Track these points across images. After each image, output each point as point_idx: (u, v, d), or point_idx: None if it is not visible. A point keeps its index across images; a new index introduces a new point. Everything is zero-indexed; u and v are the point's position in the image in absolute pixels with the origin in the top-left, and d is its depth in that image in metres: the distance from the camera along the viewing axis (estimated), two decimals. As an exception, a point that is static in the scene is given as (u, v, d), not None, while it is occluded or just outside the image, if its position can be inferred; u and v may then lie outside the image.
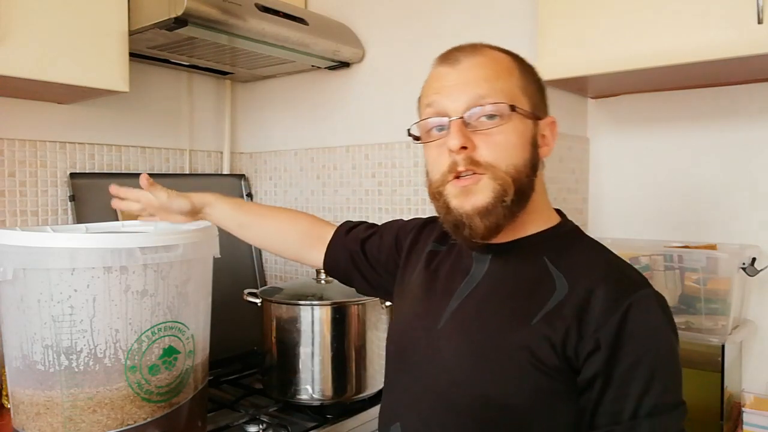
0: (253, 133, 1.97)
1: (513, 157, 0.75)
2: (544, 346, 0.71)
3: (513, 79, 0.77)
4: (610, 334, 0.69)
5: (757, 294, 1.28)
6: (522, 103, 0.77)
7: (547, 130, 0.81)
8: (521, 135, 0.76)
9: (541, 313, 0.73)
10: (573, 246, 0.80)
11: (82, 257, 0.90)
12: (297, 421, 1.26)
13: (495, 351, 0.75)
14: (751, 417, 1.16)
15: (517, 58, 0.81)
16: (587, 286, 0.72)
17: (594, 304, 0.70)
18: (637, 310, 0.69)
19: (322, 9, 1.68)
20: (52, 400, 0.92)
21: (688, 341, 1.17)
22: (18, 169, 1.44)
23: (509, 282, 0.79)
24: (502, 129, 0.75)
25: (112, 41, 1.26)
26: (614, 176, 1.49)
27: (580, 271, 0.75)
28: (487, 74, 0.76)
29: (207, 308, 1.12)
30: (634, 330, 0.69)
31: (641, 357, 0.68)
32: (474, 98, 0.75)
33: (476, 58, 0.77)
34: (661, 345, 0.70)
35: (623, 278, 0.74)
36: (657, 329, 0.70)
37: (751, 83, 1.28)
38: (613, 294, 0.71)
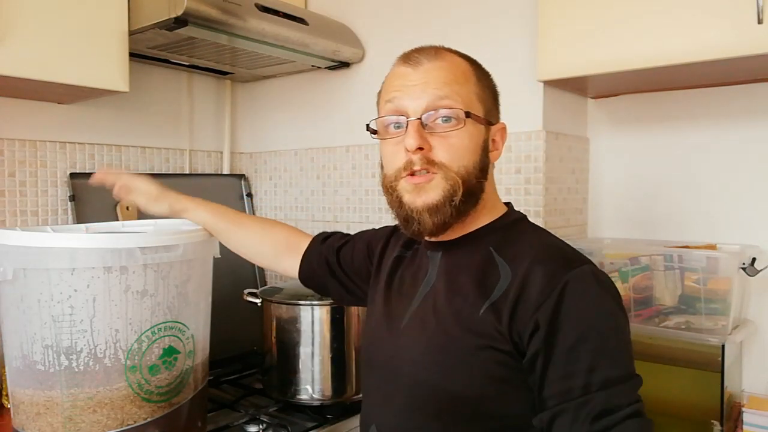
0: (253, 133, 1.97)
1: (464, 159, 0.79)
2: (493, 335, 0.74)
3: (469, 85, 0.81)
4: (547, 313, 0.70)
5: (757, 294, 1.28)
6: (476, 108, 0.80)
7: (497, 135, 0.85)
8: (473, 139, 0.80)
9: (488, 303, 0.76)
10: (517, 234, 0.83)
11: (82, 257, 0.90)
12: (297, 421, 1.26)
13: (448, 345, 0.78)
14: (751, 417, 1.16)
15: (475, 63, 0.84)
16: (526, 269, 0.74)
17: (532, 286, 0.72)
18: (573, 288, 0.71)
19: (322, 9, 1.68)
20: (52, 400, 0.92)
21: (688, 341, 1.17)
22: (18, 169, 1.44)
23: (459, 276, 0.82)
24: (457, 133, 0.78)
25: (112, 41, 1.26)
26: (614, 176, 1.49)
27: (521, 256, 0.77)
28: (447, 78, 0.79)
29: (207, 308, 1.12)
30: (572, 308, 0.70)
31: (584, 334, 0.69)
32: (433, 99, 0.78)
33: (437, 62, 0.80)
34: (602, 321, 0.71)
35: (559, 258, 0.75)
36: (597, 306, 0.71)
37: (751, 83, 1.28)
38: (549, 273, 0.72)
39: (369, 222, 1.65)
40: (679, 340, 1.18)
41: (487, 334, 0.74)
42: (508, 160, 1.37)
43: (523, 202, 1.35)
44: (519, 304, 0.73)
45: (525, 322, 0.72)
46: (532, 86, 1.32)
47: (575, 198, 1.47)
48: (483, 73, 0.85)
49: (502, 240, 0.82)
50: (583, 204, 1.51)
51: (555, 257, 0.76)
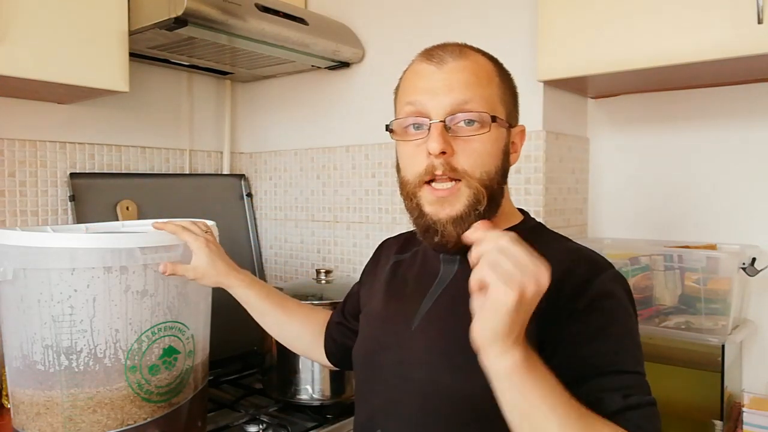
0: (253, 133, 1.97)
1: (487, 165, 0.77)
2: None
3: (493, 87, 0.79)
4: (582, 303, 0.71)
5: (757, 294, 1.28)
6: (500, 111, 0.78)
7: (517, 138, 0.83)
8: (497, 143, 0.78)
9: None
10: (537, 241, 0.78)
11: (82, 257, 0.90)
12: (297, 421, 1.26)
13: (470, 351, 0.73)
14: (751, 417, 1.16)
15: (498, 63, 0.82)
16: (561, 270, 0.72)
17: (568, 283, 0.72)
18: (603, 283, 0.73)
19: (322, 9, 1.68)
20: (52, 400, 0.92)
21: (688, 341, 1.17)
22: (18, 169, 1.44)
23: None
24: (481, 137, 0.76)
25: (112, 41, 1.26)
26: (614, 176, 1.49)
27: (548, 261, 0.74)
28: (471, 79, 0.77)
29: (207, 308, 1.12)
30: (605, 300, 0.72)
31: (608, 324, 0.71)
32: (457, 102, 0.75)
33: (462, 61, 0.77)
34: (625, 321, 0.73)
35: (589, 261, 0.77)
36: (622, 306, 0.74)
37: (751, 83, 1.28)
38: (585, 272, 0.74)
39: (369, 222, 1.65)
40: (679, 340, 1.18)
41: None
42: (508, 160, 1.37)
43: (523, 202, 1.35)
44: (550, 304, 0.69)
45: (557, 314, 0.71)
46: (532, 86, 1.32)
47: (575, 198, 1.47)
48: (505, 74, 0.82)
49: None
50: (583, 204, 1.51)
51: (585, 260, 0.77)
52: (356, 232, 1.69)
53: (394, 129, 0.82)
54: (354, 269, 1.69)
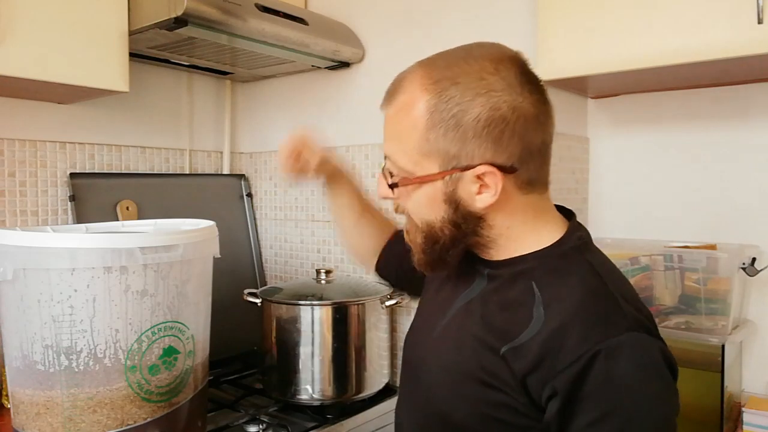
0: (253, 133, 1.97)
1: (424, 215, 0.73)
2: (507, 380, 0.67)
3: (415, 136, 0.69)
4: (566, 384, 0.61)
5: (757, 294, 1.28)
6: (421, 167, 0.70)
7: (488, 178, 0.68)
8: (428, 197, 0.71)
9: (512, 344, 0.67)
10: (564, 269, 0.71)
11: (82, 257, 0.90)
12: (297, 421, 1.26)
13: (466, 373, 0.72)
14: (751, 417, 1.16)
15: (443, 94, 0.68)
16: (560, 323, 0.65)
17: (560, 346, 0.63)
18: (604, 360, 0.60)
19: (322, 9, 1.68)
20: (52, 400, 0.92)
21: (688, 341, 1.17)
22: (18, 169, 1.43)
23: (496, 302, 0.73)
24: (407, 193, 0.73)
25: (112, 41, 1.26)
26: (614, 176, 1.49)
27: (561, 303, 0.67)
28: (390, 131, 0.73)
29: (207, 308, 1.12)
30: (598, 382, 0.60)
31: (606, 414, 0.60)
32: (383, 155, 0.75)
33: (388, 109, 0.74)
34: (634, 403, 0.60)
35: (600, 318, 0.64)
36: (630, 384, 0.60)
37: (751, 83, 1.28)
38: (581, 337, 0.62)
39: (369, 222, 1.65)
40: (679, 340, 1.18)
41: (500, 377, 0.67)
42: (508, 160, 1.37)
43: (523, 202, 1.35)
44: (542, 361, 0.64)
45: (544, 383, 0.63)
46: None
47: (575, 198, 1.47)
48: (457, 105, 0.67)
49: (547, 273, 0.70)
50: (583, 204, 1.51)
51: (594, 315, 0.64)
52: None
53: None
54: (354, 269, 1.69)
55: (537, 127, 0.70)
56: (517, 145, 0.68)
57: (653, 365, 0.62)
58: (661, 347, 0.64)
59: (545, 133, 0.72)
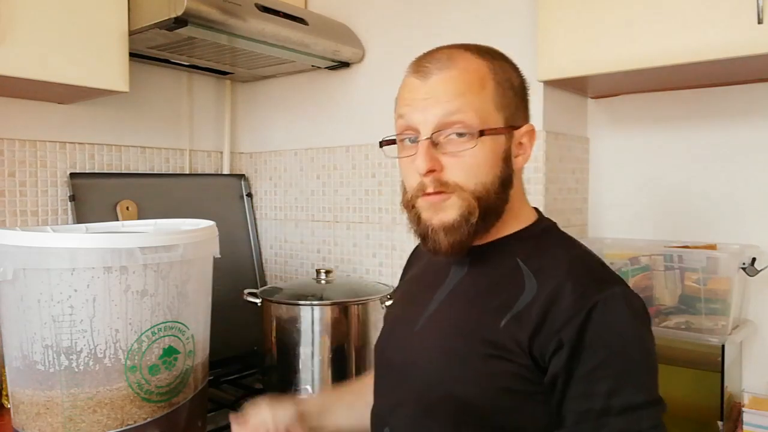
0: (253, 133, 1.97)
1: (480, 176, 0.75)
2: (512, 348, 0.71)
3: (485, 93, 0.75)
4: (572, 334, 0.68)
5: (757, 294, 1.28)
6: (493, 119, 0.75)
7: (525, 138, 0.79)
8: (491, 153, 0.75)
9: (510, 315, 0.72)
10: (545, 244, 0.80)
11: (82, 257, 0.90)
12: (297, 421, 1.26)
13: (466, 351, 0.75)
14: (751, 417, 1.16)
15: (494, 62, 0.77)
16: (555, 285, 0.71)
17: (560, 303, 0.70)
18: (601, 310, 0.68)
19: (322, 9, 1.68)
20: (52, 400, 0.92)
21: (688, 341, 1.17)
22: (18, 169, 1.44)
23: (483, 283, 0.79)
24: (472, 150, 0.73)
25: (112, 41, 1.26)
26: (614, 176, 1.49)
27: (548, 270, 0.74)
28: (458, 89, 0.74)
29: (207, 308, 1.12)
30: (597, 330, 0.68)
31: (607, 358, 0.67)
32: (445, 115, 0.73)
33: (447, 72, 0.74)
34: (629, 346, 0.68)
35: (591, 276, 0.73)
36: (624, 329, 0.69)
37: (751, 83, 1.28)
38: (578, 292, 0.69)
39: (369, 222, 1.65)
40: (679, 340, 1.18)
41: (506, 347, 0.71)
42: (508, 160, 1.37)
43: (523, 202, 1.35)
44: (544, 321, 0.70)
45: (548, 339, 0.69)
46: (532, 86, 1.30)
47: (575, 198, 1.47)
48: (505, 71, 0.78)
49: (530, 250, 0.78)
50: (583, 204, 1.51)
51: (585, 275, 0.72)
52: (356, 232, 1.69)
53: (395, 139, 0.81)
54: (354, 269, 1.69)
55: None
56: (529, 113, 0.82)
57: (639, 313, 0.71)
58: (638, 296, 0.73)
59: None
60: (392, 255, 1.60)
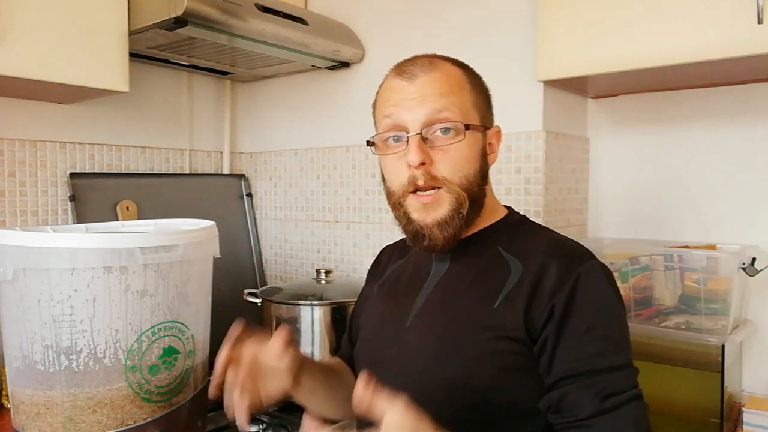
0: (253, 133, 1.97)
1: (465, 169, 0.81)
2: (508, 325, 0.76)
3: (465, 93, 0.82)
4: (561, 302, 0.74)
5: (757, 294, 1.28)
6: (473, 117, 0.82)
7: (494, 139, 0.87)
8: (473, 148, 0.82)
9: (502, 295, 0.78)
10: (522, 232, 0.87)
11: (82, 257, 0.90)
12: (297, 421, 1.26)
13: (462, 336, 0.79)
14: (751, 417, 1.16)
15: (467, 69, 0.85)
16: (539, 263, 0.78)
17: (547, 278, 0.76)
18: (585, 280, 0.75)
19: (322, 9, 1.68)
20: (52, 400, 0.92)
21: (688, 341, 1.17)
22: (18, 169, 1.44)
23: (469, 273, 0.84)
24: (457, 145, 0.80)
25: (112, 41, 1.26)
26: (614, 176, 1.49)
27: (531, 252, 0.81)
28: (443, 89, 0.80)
29: (207, 308, 1.12)
30: (583, 298, 0.74)
31: (593, 322, 0.74)
32: (432, 112, 0.79)
33: (432, 74, 0.81)
34: (610, 311, 0.76)
35: (571, 253, 0.80)
36: (604, 297, 0.76)
37: (751, 83, 1.28)
38: (563, 267, 0.76)
39: (369, 222, 1.65)
40: (679, 340, 1.18)
41: (502, 326, 0.76)
42: (507, 160, 1.37)
43: (523, 202, 1.35)
44: (534, 295, 0.76)
45: (540, 310, 0.75)
46: (532, 86, 1.32)
47: (575, 198, 1.47)
48: (476, 78, 0.86)
49: (507, 238, 0.85)
50: (583, 204, 1.51)
51: (565, 253, 0.79)
52: (356, 232, 1.69)
53: (375, 143, 0.86)
54: (354, 269, 1.69)
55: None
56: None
57: (611, 280, 0.79)
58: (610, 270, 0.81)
59: None
60: (392, 255, 1.60)
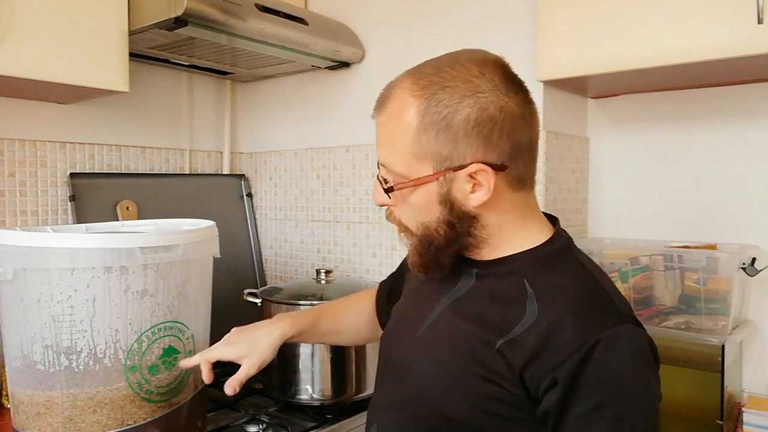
0: (253, 133, 1.97)
1: (420, 218, 0.75)
2: (503, 373, 0.69)
3: (408, 140, 0.71)
4: (567, 373, 0.64)
5: (757, 294, 1.28)
6: (416, 168, 0.72)
7: (480, 176, 0.71)
8: (421, 200, 0.74)
9: (506, 338, 0.70)
10: (555, 266, 0.75)
11: (82, 257, 0.90)
12: (297, 421, 1.26)
13: (458, 368, 0.74)
14: (751, 417, 1.16)
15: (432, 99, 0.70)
16: (555, 314, 0.68)
17: (558, 337, 0.66)
18: (603, 350, 0.64)
19: (322, 9, 1.68)
20: (52, 400, 0.92)
21: (688, 341, 1.17)
22: (18, 169, 1.43)
23: (485, 299, 0.76)
24: (401, 195, 0.76)
25: (112, 41, 1.26)
26: (614, 176, 1.49)
27: (554, 297, 0.70)
28: (383, 137, 0.76)
29: (207, 308, 1.12)
30: (597, 371, 0.63)
31: (605, 400, 0.63)
32: (378, 161, 0.77)
33: (379, 117, 0.76)
34: (629, 388, 0.64)
35: (595, 310, 0.68)
36: (624, 371, 0.64)
37: (751, 83, 1.28)
38: (579, 328, 0.65)
39: (369, 222, 1.65)
40: (679, 340, 1.18)
41: (496, 371, 0.70)
42: (508, 160, 1.37)
43: (523, 202, 1.35)
44: (539, 353, 0.66)
45: (542, 374, 0.66)
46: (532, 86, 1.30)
47: (575, 198, 1.47)
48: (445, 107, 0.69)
49: (537, 271, 0.74)
50: (582, 204, 1.51)
51: (590, 309, 0.68)
52: (356, 232, 1.69)
53: None
54: (354, 269, 1.69)
55: (524, 125, 0.73)
56: (506, 143, 0.71)
57: (644, 355, 0.66)
58: (648, 337, 0.68)
59: (532, 131, 0.75)
60: (392, 255, 1.60)
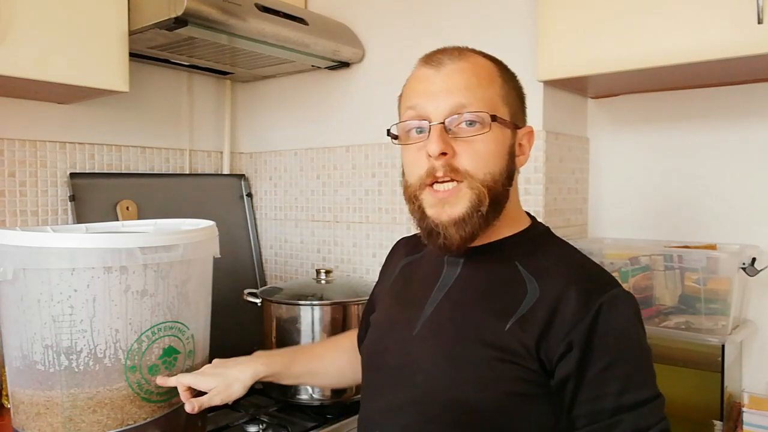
0: (253, 133, 1.97)
1: (490, 166, 0.76)
2: (519, 351, 0.72)
3: (494, 87, 0.78)
4: (581, 336, 0.70)
5: (757, 294, 1.28)
6: (502, 112, 0.78)
7: (524, 140, 0.82)
8: (500, 144, 0.77)
9: (515, 318, 0.73)
10: (543, 248, 0.81)
11: (82, 257, 0.90)
12: (297, 421, 1.26)
13: (470, 356, 0.75)
14: (751, 417, 1.16)
15: (500, 65, 0.82)
16: (558, 288, 0.73)
17: (565, 307, 0.71)
18: (607, 311, 0.71)
19: (322, 9, 1.68)
20: (52, 400, 0.92)
21: (688, 341, 1.17)
22: (18, 169, 1.43)
23: (482, 286, 0.79)
24: (482, 137, 0.75)
25: (112, 41, 1.26)
26: (614, 176, 1.49)
27: (551, 274, 0.76)
28: (470, 81, 0.76)
29: (207, 308, 1.12)
30: (606, 331, 0.70)
31: (616, 357, 0.70)
32: (456, 105, 0.75)
33: (460, 63, 0.77)
34: (633, 344, 0.72)
35: (592, 280, 0.75)
36: (628, 329, 0.72)
37: (751, 83, 1.28)
38: (583, 296, 0.71)
39: (369, 222, 1.65)
40: (679, 340, 1.18)
41: (512, 350, 0.72)
42: (508, 160, 1.37)
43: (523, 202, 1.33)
44: (551, 324, 0.71)
45: (556, 342, 0.71)
46: (532, 86, 1.32)
47: (575, 198, 1.47)
48: (509, 74, 0.82)
49: (527, 253, 0.79)
50: (583, 204, 1.51)
51: (587, 279, 0.75)
52: (356, 232, 1.69)
53: (397, 134, 0.82)
54: (354, 269, 1.69)
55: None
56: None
57: (637, 312, 0.74)
58: (634, 297, 0.76)
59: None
60: (392, 255, 1.60)
